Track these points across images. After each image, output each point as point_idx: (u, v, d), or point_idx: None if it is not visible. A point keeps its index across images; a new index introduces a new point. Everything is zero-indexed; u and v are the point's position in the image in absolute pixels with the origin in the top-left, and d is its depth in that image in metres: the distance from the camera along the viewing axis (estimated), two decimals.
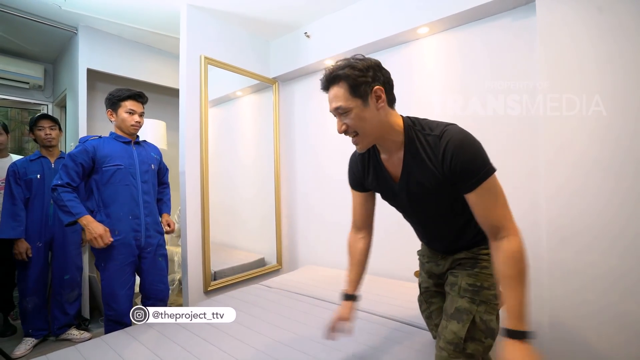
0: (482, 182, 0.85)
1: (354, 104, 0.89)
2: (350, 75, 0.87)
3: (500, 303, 0.98)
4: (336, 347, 1.30)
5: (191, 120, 2.22)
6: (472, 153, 0.86)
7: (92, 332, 2.32)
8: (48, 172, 2.15)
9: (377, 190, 1.12)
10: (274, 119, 2.83)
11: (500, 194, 0.88)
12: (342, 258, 2.47)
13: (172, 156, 3.37)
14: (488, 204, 0.87)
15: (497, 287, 0.97)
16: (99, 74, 2.67)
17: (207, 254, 2.24)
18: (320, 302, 1.82)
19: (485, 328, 0.95)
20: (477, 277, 1.00)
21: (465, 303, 0.98)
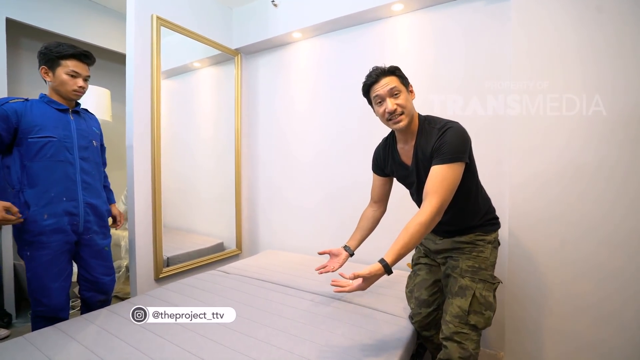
0: (449, 162, 1.06)
1: (403, 88, 1.17)
2: (398, 71, 1.19)
3: (496, 282, 1.18)
4: (293, 332, 1.23)
5: (141, 89, 1.96)
6: (458, 139, 1.09)
7: (16, 328, 2.02)
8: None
9: (394, 174, 1.34)
10: (236, 95, 2.62)
11: (453, 181, 1.07)
12: (306, 243, 2.43)
13: (117, 129, 3.03)
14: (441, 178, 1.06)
15: (493, 268, 1.21)
16: (24, 26, 2.24)
17: (158, 238, 2.04)
18: (279, 287, 1.73)
19: (484, 302, 1.13)
20: (476, 260, 1.19)
21: (467, 281, 1.16)
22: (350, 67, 2.20)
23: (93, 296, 1.58)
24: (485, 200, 1.28)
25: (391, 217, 1.50)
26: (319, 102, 2.35)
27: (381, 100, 1.17)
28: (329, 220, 2.34)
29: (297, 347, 1.14)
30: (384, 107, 1.16)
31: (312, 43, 2.37)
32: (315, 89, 2.36)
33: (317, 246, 2.37)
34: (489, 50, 1.75)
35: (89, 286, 1.57)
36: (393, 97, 1.16)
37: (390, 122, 1.18)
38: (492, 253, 1.21)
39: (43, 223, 1.39)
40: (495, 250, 1.23)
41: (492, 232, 1.24)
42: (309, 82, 2.39)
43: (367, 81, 1.20)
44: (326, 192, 2.35)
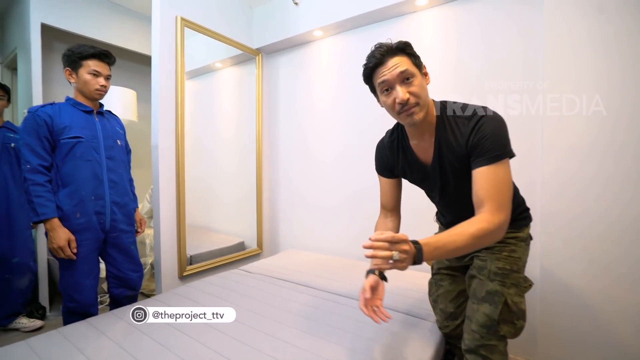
0: (496, 161, 0.87)
1: (416, 71, 0.93)
2: (409, 48, 0.94)
3: (528, 284, 1.05)
4: (318, 334, 1.21)
5: (166, 89, 1.99)
6: (500, 131, 0.90)
7: (49, 321, 2.10)
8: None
9: (407, 175, 1.14)
10: (257, 95, 2.63)
11: (508, 180, 0.89)
12: (327, 243, 2.41)
13: (143, 129, 3.10)
14: (494, 182, 0.87)
15: (524, 269, 1.05)
16: (56, 31, 2.34)
17: (182, 237, 2.07)
18: (301, 288, 1.72)
19: (517, 310, 0.98)
20: (507, 261, 1.02)
21: (497, 286, 0.99)
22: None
23: (122, 292, 1.62)
24: (517, 193, 1.10)
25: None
26: (340, 101, 2.32)
27: (389, 87, 0.93)
28: (350, 221, 2.31)
29: (324, 350, 1.12)
30: (393, 96, 0.92)
31: (333, 41, 2.35)
32: (337, 88, 2.34)
33: (338, 246, 2.35)
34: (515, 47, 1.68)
35: (117, 283, 1.61)
36: (404, 83, 0.92)
37: (401, 115, 0.95)
38: (525, 252, 1.06)
39: (76, 222, 1.44)
40: (528, 248, 1.08)
41: (525, 228, 1.08)
42: (330, 80, 2.37)
43: (369, 63, 0.95)
44: (347, 192, 2.32)
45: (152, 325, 1.28)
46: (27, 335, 1.79)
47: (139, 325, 1.27)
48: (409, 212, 1.41)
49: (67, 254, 1.38)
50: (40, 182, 1.37)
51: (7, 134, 1.95)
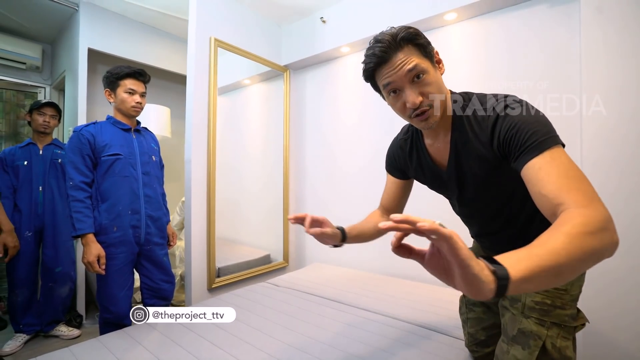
0: (546, 149, 0.63)
1: (426, 64, 0.75)
2: (415, 34, 0.75)
3: (579, 324, 0.82)
4: (349, 350, 1.19)
5: (199, 106, 2.08)
6: (538, 120, 0.67)
7: (86, 329, 2.19)
8: (35, 159, 2.04)
9: (422, 180, 0.98)
10: (284, 110, 2.69)
11: (571, 166, 0.61)
12: (353, 257, 2.38)
13: (175, 145, 3.24)
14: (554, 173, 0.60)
15: (575, 304, 0.82)
16: (100, 55, 2.52)
17: (212, 249, 2.11)
18: (330, 303, 1.70)
19: (559, 357, 0.77)
20: (547, 294, 0.81)
21: (533, 325, 0.81)
22: None
23: (155, 303, 1.67)
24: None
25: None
26: (367, 116, 2.33)
27: (396, 89, 0.76)
28: None
29: None
30: (402, 100, 0.76)
31: (360, 56, 2.36)
32: (363, 102, 2.35)
33: (364, 260, 2.32)
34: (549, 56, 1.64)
35: (151, 294, 1.66)
36: (415, 83, 0.74)
37: (414, 120, 0.78)
38: (574, 283, 0.82)
39: (112, 235, 1.51)
40: (581, 276, 0.84)
41: None
42: (357, 95, 2.39)
43: (369, 63, 0.77)
44: (373, 206, 2.27)
45: (185, 335, 1.30)
46: (66, 342, 1.87)
47: (172, 336, 1.30)
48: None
49: (95, 269, 1.43)
50: (80, 199, 1.45)
51: (55, 151, 2.10)
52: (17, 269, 1.94)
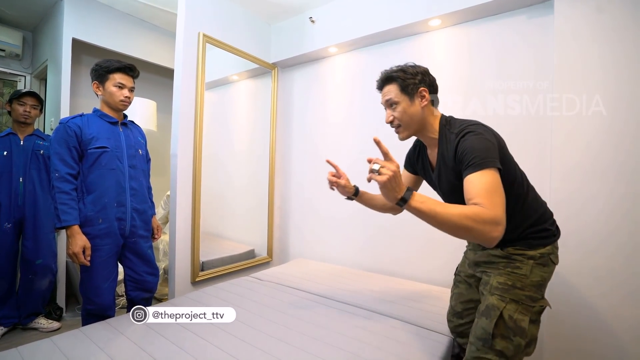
0: (479, 169, 0.88)
1: (401, 99, 1.08)
2: (401, 76, 1.08)
3: (537, 305, 1.00)
4: (329, 342, 1.24)
5: (186, 100, 2.09)
6: (479, 144, 0.93)
7: (66, 322, 2.17)
8: (16, 149, 2.00)
9: (423, 177, 1.29)
10: (272, 107, 2.71)
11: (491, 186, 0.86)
12: (336, 253, 2.44)
13: (161, 139, 3.22)
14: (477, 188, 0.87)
15: (536, 289, 1.01)
16: (85, 45, 2.48)
17: (196, 243, 2.13)
18: (312, 297, 1.75)
19: (514, 326, 0.97)
20: (509, 277, 1.02)
21: (495, 300, 1.01)
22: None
23: (138, 295, 1.68)
24: (533, 210, 1.07)
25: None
26: (353, 115, 2.39)
27: (385, 107, 1.13)
28: (359, 232, 2.34)
29: (332, 356, 1.15)
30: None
31: (347, 57, 2.43)
32: (349, 102, 2.41)
33: (347, 257, 2.39)
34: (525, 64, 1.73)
35: (134, 286, 1.67)
36: (390, 107, 1.10)
37: (394, 129, 1.14)
38: (533, 271, 1.01)
39: (98, 227, 1.51)
40: (541, 267, 1.02)
41: (538, 247, 1.03)
42: (343, 95, 2.44)
43: (377, 86, 1.16)
44: (358, 205, 2.35)
45: (169, 326, 1.33)
46: (46, 334, 1.86)
47: (155, 326, 1.33)
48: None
49: (80, 260, 1.44)
50: (66, 191, 1.45)
51: (37, 142, 2.06)
52: None
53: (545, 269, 1.03)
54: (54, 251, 2.12)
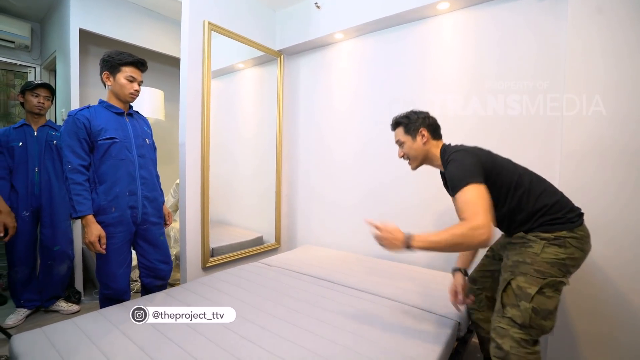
0: (462, 188, 1.07)
1: (406, 139, 1.36)
2: (404, 121, 1.36)
3: (547, 278, 1.06)
4: (340, 326, 1.29)
5: (193, 89, 2.10)
6: (456, 170, 1.13)
7: (84, 305, 2.27)
8: (30, 140, 2.05)
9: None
10: (278, 94, 2.72)
11: (475, 201, 1.03)
12: (343, 240, 2.48)
13: (169, 128, 3.26)
14: (463, 203, 1.06)
15: (549, 265, 1.08)
16: (92, 36, 2.50)
17: (206, 230, 2.18)
18: (319, 281, 1.80)
19: (520, 293, 1.07)
20: (521, 254, 1.14)
21: (506, 274, 1.14)
22: (391, 66, 2.21)
23: (151, 282, 1.74)
24: (542, 202, 1.15)
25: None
26: (359, 102, 2.38)
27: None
28: (366, 218, 2.36)
29: (340, 337, 1.20)
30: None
31: (354, 43, 2.40)
32: (356, 88, 2.40)
33: (353, 243, 2.42)
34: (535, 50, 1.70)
35: (147, 273, 1.73)
36: (400, 145, 1.38)
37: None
38: (544, 249, 1.10)
39: (111, 215, 1.56)
40: (556, 247, 1.09)
41: (554, 231, 1.11)
42: (350, 81, 2.43)
43: (391, 128, 1.42)
44: (363, 191, 2.38)
45: (182, 309, 1.39)
46: (66, 317, 1.95)
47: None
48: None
49: (97, 248, 1.50)
50: (79, 182, 1.49)
51: (50, 132, 2.11)
52: (16, 247, 1.99)
53: (562, 249, 1.10)
54: (70, 238, 2.20)
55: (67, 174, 1.48)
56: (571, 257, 1.10)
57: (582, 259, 1.14)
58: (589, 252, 1.15)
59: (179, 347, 1.11)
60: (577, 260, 1.12)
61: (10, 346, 1.12)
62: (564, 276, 1.09)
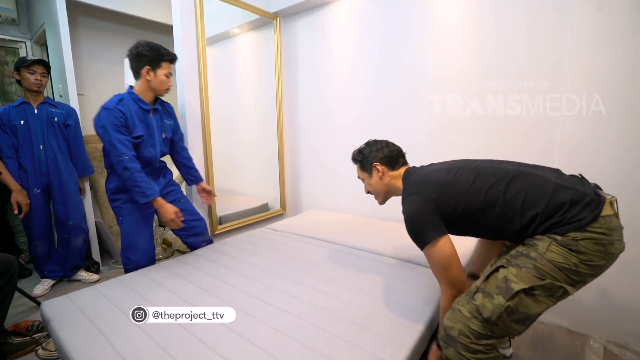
0: (422, 248, 1.05)
1: (364, 175, 1.32)
2: (358, 158, 1.32)
3: (554, 283, 0.87)
4: (344, 283, 1.37)
5: (188, 59, 2.06)
6: (411, 228, 1.07)
7: (103, 274, 2.41)
8: (32, 118, 2.05)
9: None
10: (276, 60, 2.65)
11: (439, 260, 1.02)
12: (345, 203, 2.54)
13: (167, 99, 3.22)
14: (430, 263, 1.07)
15: (556, 269, 0.88)
16: (80, 5, 2.41)
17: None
18: (324, 243, 1.88)
19: (502, 285, 0.89)
20: (524, 247, 0.95)
21: (501, 261, 0.96)
22: (392, 26, 2.12)
23: (194, 240, 1.86)
24: (528, 216, 0.94)
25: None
26: (360, 64, 2.32)
27: None
28: None
29: (345, 293, 1.28)
30: None
31: (352, 2, 2.29)
32: (356, 49, 2.32)
33: (356, 206, 2.48)
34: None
35: (186, 234, 1.83)
36: (363, 182, 1.34)
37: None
38: (550, 248, 0.89)
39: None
40: (566, 250, 0.88)
41: (565, 233, 0.89)
42: (350, 43, 2.35)
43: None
44: None
45: (195, 273, 1.48)
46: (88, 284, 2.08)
47: (184, 274, 1.48)
48: None
49: (177, 224, 1.60)
50: (139, 169, 1.54)
51: (50, 109, 2.11)
52: (33, 223, 2.07)
53: (573, 254, 0.87)
54: (83, 213, 2.28)
55: (127, 164, 1.51)
56: (588, 263, 0.87)
57: (607, 265, 0.90)
58: (618, 253, 0.90)
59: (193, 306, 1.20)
60: (598, 267, 0.89)
61: (42, 312, 1.22)
62: (571, 285, 0.88)
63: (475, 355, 0.89)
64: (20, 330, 1.62)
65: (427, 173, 1.14)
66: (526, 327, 0.91)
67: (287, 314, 1.14)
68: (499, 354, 0.93)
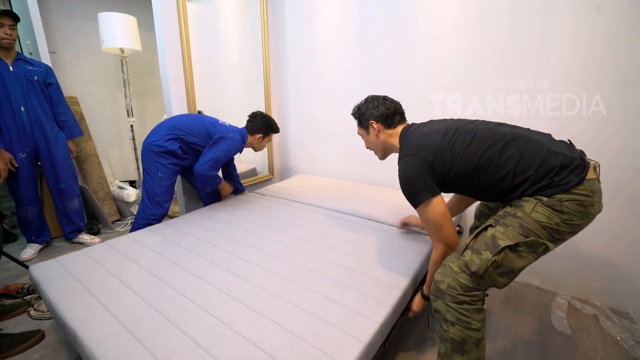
0: (416, 207, 1.09)
1: (362, 132, 1.34)
2: (356, 115, 1.33)
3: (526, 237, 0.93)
4: (331, 246, 1.41)
5: (167, 13, 1.92)
6: (406, 188, 1.10)
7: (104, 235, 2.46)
8: (8, 77, 1.89)
9: None
10: (262, 15, 2.51)
11: (432, 219, 1.07)
12: (334, 167, 2.55)
13: (149, 59, 3.07)
14: (424, 222, 1.11)
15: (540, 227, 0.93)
16: None
17: None
18: (311, 207, 1.91)
19: (490, 242, 0.95)
20: (512, 207, 1.00)
21: (490, 221, 1.01)
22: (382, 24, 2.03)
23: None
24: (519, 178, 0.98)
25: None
26: (349, 15, 2.22)
27: None
28: (357, 146, 2.38)
29: (331, 255, 1.32)
30: None
31: None
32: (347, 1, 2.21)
33: (344, 171, 2.49)
34: None
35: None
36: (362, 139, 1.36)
37: None
38: (535, 208, 0.94)
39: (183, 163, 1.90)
40: (550, 210, 0.93)
41: (554, 194, 0.94)
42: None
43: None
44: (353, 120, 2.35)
45: (185, 237, 1.50)
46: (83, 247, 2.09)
47: (173, 238, 1.49)
48: None
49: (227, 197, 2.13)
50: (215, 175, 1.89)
51: (27, 67, 1.96)
52: (20, 188, 2.01)
53: (556, 214, 0.93)
54: (74, 175, 2.23)
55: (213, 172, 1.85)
56: (568, 222, 0.93)
57: (585, 225, 0.97)
58: (596, 214, 0.96)
59: (184, 269, 1.23)
60: (577, 226, 0.95)
61: (30, 275, 1.23)
62: (552, 241, 0.95)
63: (461, 306, 0.95)
64: (10, 293, 1.64)
65: (425, 134, 1.13)
66: (509, 280, 0.96)
67: (275, 275, 1.18)
68: (483, 307, 0.98)
